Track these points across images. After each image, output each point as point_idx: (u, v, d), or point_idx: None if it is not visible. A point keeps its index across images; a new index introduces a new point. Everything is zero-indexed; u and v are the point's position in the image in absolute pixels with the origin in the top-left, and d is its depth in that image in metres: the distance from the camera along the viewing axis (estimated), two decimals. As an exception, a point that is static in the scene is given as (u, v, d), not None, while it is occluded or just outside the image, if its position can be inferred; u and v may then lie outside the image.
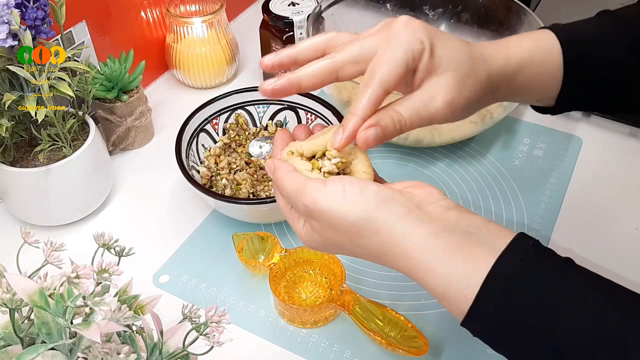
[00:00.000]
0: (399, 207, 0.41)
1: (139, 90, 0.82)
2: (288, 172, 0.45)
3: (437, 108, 0.44)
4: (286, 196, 0.45)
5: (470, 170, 0.82)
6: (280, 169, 0.45)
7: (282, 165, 0.46)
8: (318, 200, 0.42)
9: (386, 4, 0.95)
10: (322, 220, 0.43)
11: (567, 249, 0.70)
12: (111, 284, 0.42)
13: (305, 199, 0.43)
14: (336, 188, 0.42)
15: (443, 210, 0.42)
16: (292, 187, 0.44)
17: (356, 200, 0.41)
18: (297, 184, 0.44)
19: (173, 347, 0.45)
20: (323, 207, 0.42)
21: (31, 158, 0.70)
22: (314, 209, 0.43)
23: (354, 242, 0.43)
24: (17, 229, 0.54)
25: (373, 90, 0.43)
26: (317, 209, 0.42)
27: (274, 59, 0.47)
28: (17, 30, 0.59)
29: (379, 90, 0.43)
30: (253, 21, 0.99)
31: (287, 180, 0.44)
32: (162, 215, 0.77)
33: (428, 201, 0.43)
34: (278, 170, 0.45)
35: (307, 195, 0.43)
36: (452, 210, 0.42)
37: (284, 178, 0.44)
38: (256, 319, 0.64)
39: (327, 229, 0.43)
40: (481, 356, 0.60)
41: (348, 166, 0.46)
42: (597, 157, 0.83)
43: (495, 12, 0.89)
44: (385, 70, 0.43)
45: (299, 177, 0.44)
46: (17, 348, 0.42)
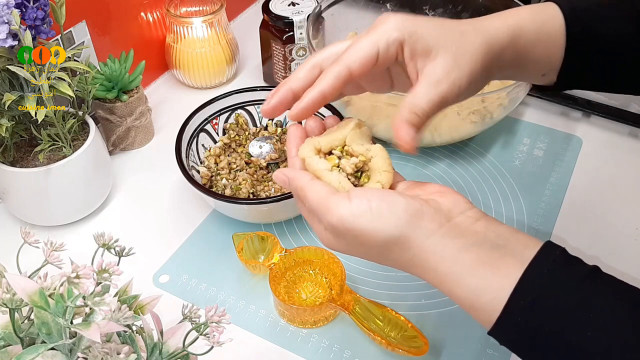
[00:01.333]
0: (429, 222, 0.41)
1: (139, 90, 0.82)
2: (308, 183, 0.44)
3: (444, 89, 0.43)
4: (310, 210, 0.44)
5: (470, 170, 0.82)
6: (298, 179, 0.45)
7: (298, 176, 0.45)
8: (344, 218, 0.41)
9: (386, 4, 0.95)
10: (348, 238, 0.43)
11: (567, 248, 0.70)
12: (111, 284, 0.42)
13: (331, 217, 0.42)
14: (362, 205, 0.41)
15: (472, 222, 0.42)
16: (315, 201, 0.43)
17: (386, 218, 0.41)
18: (320, 198, 0.43)
19: (173, 347, 0.45)
20: (350, 225, 0.41)
21: (31, 158, 0.70)
22: (340, 227, 0.42)
23: (383, 256, 0.43)
24: (17, 229, 0.54)
25: (336, 67, 0.43)
26: (345, 226, 0.42)
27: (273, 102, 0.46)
28: (17, 30, 0.59)
29: (341, 68, 0.43)
30: (253, 21, 0.99)
31: (310, 193, 0.43)
32: (162, 215, 0.77)
33: (455, 211, 0.43)
34: (296, 181, 0.45)
35: (332, 212, 0.42)
36: (480, 222, 0.42)
37: (306, 190, 0.44)
38: (256, 319, 0.64)
39: (354, 245, 0.43)
40: (481, 356, 0.60)
41: (367, 163, 0.46)
42: (597, 157, 0.83)
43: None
44: (353, 51, 0.43)
45: (321, 189, 0.43)
46: (17, 348, 0.42)
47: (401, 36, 0.43)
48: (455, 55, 0.44)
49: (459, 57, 0.44)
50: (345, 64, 0.43)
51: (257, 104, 0.82)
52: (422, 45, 0.43)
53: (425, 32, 0.44)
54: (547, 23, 0.48)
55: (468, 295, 0.40)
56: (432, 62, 0.44)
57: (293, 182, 0.45)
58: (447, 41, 0.44)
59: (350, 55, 0.43)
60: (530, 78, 0.52)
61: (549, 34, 0.48)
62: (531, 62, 0.49)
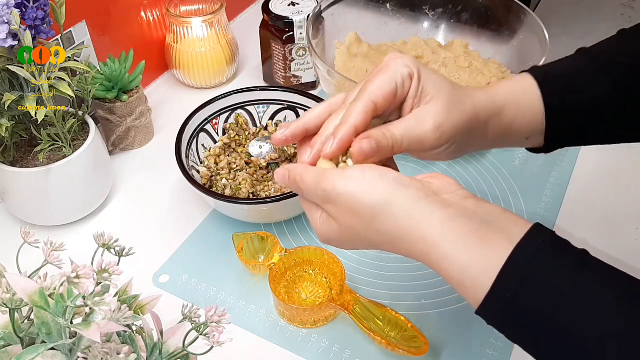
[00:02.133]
0: (415, 190, 0.42)
1: (139, 90, 0.82)
2: (306, 168, 0.46)
3: (427, 130, 0.46)
4: (306, 189, 0.45)
5: (470, 170, 0.82)
6: (297, 168, 0.46)
7: (296, 166, 0.47)
8: (336, 184, 0.43)
9: (386, 4, 0.95)
10: (339, 204, 0.43)
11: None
12: (111, 284, 0.42)
13: (324, 184, 0.43)
14: (355, 173, 0.43)
15: (460, 199, 0.43)
16: (311, 179, 0.45)
17: (375, 183, 0.42)
18: (316, 174, 0.45)
19: (173, 347, 0.45)
20: (341, 190, 0.43)
21: (31, 158, 0.70)
22: (331, 192, 0.43)
23: (370, 227, 0.43)
24: (17, 229, 0.54)
25: (361, 103, 0.45)
26: (335, 191, 0.43)
27: (286, 132, 0.49)
28: (17, 30, 0.59)
29: (367, 102, 0.45)
30: (253, 21, 0.99)
31: (307, 175, 0.45)
32: (162, 215, 0.77)
33: (445, 190, 0.44)
34: (295, 170, 0.46)
35: (326, 181, 0.44)
36: (469, 199, 0.43)
37: (304, 174, 0.45)
38: (256, 319, 0.65)
39: (344, 213, 0.43)
40: (481, 356, 0.60)
41: None
42: (597, 157, 0.83)
43: (495, 12, 0.89)
44: (374, 86, 0.46)
45: (318, 169, 0.45)
46: (17, 348, 0.42)
47: (412, 72, 0.46)
48: (448, 106, 0.46)
49: (451, 109, 0.46)
50: (370, 99, 0.45)
51: (257, 104, 0.82)
52: (423, 86, 0.47)
53: (427, 75, 0.47)
54: (525, 94, 0.51)
55: (456, 270, 0.40)
56: (426, 105, 0.46)
57: (292, 172, 0.47)
58: (443, 91, 0.47)
59: (373, 91, 0.46)
60: (515, 144, 0.54)
61: (527, 104, 0.51)
62: (514, 131, 0.51)
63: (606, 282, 0.38)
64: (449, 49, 0.90)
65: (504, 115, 0.50)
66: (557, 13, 1.00)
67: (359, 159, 0.45)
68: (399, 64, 0.46)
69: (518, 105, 0.50)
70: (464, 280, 0.40)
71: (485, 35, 0.91)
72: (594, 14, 0.52)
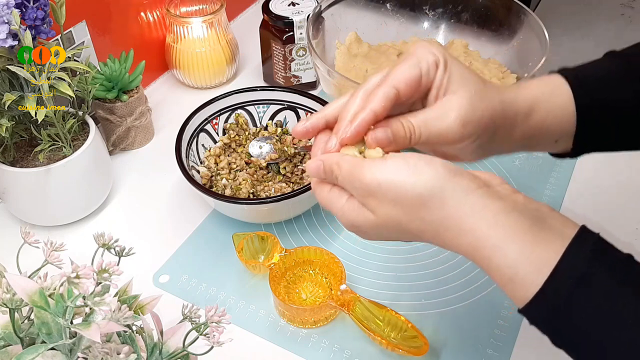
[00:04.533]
0: (469, 181, 0.41)
1: (139, 90, 0.82)
2: (342, 156, 0.44)
3: (449, 124, 0.44)
4: (342, 179, 0.43)
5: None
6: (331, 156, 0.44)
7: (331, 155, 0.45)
8: (378, 175, 0.41)
9: (386, 4, 0.95)
10: (380, 195, 0.41)
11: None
12: (111, 284, 0.42)
13: (364, 176, 0.42)
14: (398, 162, 0.41)
15: (510, 192, 0.42)
16: (348, 168, 0.43)
17: (423, 171, 0.40)
18: (354, 164, 0.43)
19: (173, 347, 0.45)
20: (383, 179, 0.41)
21: (31, 158, 0.70)
22: (371, 184, 0.41)
23: (415, 216, 0.41)
24: (17, 229, 0.54)
25: (383, 88, 0.44)
26: (377, 181, 0.41)
27: (306, 124, 0.47)
28: (17, 30, 0.59)
29: (389, 88, 0.43)
30: (253, 21, 0.99)
31: (344, 163, 0.43)
32: (162, 215, 0.77)
33: (494, 182, 0.42)
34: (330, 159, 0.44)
35: (365, 171, 0.42)
36: (518, 194, 0.42)
37: (341, 161, 0.43)
38: (256, 319, 0.65)
39: (385, 204, 0.42)
40: (481, 356, 0.60)
41: None
42: (597, 158, 0.83)
43: (495, 12, 0.89)
44: (398, 72, 0.44)
45: (355, 158, 0.43)
46: (17, 348, 0.42)
47: (438, 60, 0.45)
48: (473, 99, 0.44)
49: (476, 102, 0.45)
50: (392, 85, 0.44)
51: (257, 104, 0.82)
52: (449, 77, 0.45)
53: (454, 66, 0.45)
54: (556, 94, 0.49)
55: (507, 264, 0.39)
56: (451, 95, 0.45)
57: (327, 161, 0.45)
58: (470, 83, 0.45)
59: (396, 76, 0.44)
60: (542, 147, 0.52)
61: (559, 105, 0.49)
62: (544, 132, 0.49)
63: None
64: (449, 49, 0.90)
65: (534, 115, 0.48)
66: (557, 13, 1.00)
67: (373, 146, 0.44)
68: (426, 51, 0.45)
69: (548, 104, 0.48)
70: (514, 276, 0.39)
71: (485, 35, 0.91)
72: (594, 14, 0.52)
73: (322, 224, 0.74)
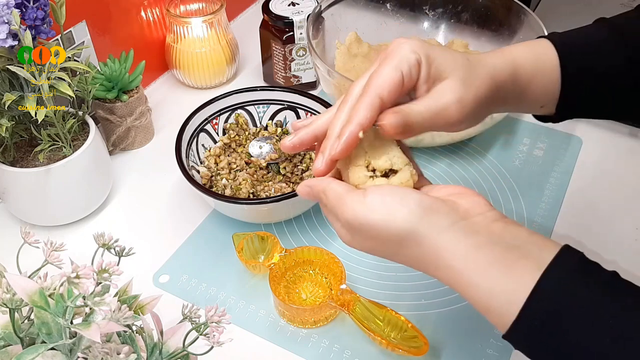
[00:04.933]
0: (443, 218, 0.41)
1: (139, 90, 0.82)
2: (328, 184, 0.45)
3: (448, 102, 0.44)
4: (330, 210, 0.45)
5: (470, 170, 0.82)
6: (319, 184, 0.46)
7: (318, 181, 0.46)
8: (358, 213, 0.42)
9: (386, 4, 0.95)
10: (362, 233, 0.43)
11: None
12: (111, 284, 0.42)
13: (346, 213, 0.43)
14: (375, 200, 0.42)
15: (489, 222, 0.42)
16: (333, 199, 0.44)
17: (398, 212, 0.41)
18: (338, 196, 0.44)
19: (173, 347, 0.45)
20: (364, 220, 0.42)
21: (31, 158, 0.70)
22: (354, 222, 0.43)
23: (395, 252, 0.43)
24: (17, 229, 0.54)
25: (367, 98, 0.44)
26: (358, 221, 0.42)
27: (294, 140, 0.48)
28: (17, 30, 0.59)
29: (372, 97, 0.43)
30: (253, 21, 0.99)
31: (329, 193, 0.45)
32: (162, 215, 0.77)
33: (473, 212, 0.43)
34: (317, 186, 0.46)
35: (347, 208, 0.43)
36: (497, 222, 0.42)
37: (326, 190, 0.45)
38: (256, 319, 0.65)
39: (368, 240, 0.43)
40: (481, 356, 0.60)
41: None
42: (597, 157, 0.83)
43: (495, 12, 0.89)
44: (380, 79, 0.44)
45: (339, 187, 0.44)
46: (17, 348, 0.42)
47: (419, 58, 0.44)
48: (463, 79, 0.45)
49: (467, 82, 0.45)
50: (376, 94, 0.44)
51: (257, 104, 0.82)
52: (436, 68, 0.45)
53: (437, 56, 0.45)
54: (541, 59, 0.50)
55: (482, 297, 0.40)
56: (442, 82, 0.45)
57: (314, 188, 0.46)
58: (457, 67, 0.45)
59: (378, 83, 0.44)
60: (529, 110, 0.54)
61: (544, 69, 0.50)
62: (529, 96, 0.50)
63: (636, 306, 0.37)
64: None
65: (520, 77, 0.49)
66: (557, 13, 1.00)
67: (391, 133, 0.43)
68: (406, 50, 0.44)
69: (534, 68, 0.49)
70: (490, 307, 0.40)
71: (485, 35, 0.91)
72: (594, 14, 0.52)
73: (322, 224, 0.74)
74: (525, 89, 0.50)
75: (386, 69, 0.44)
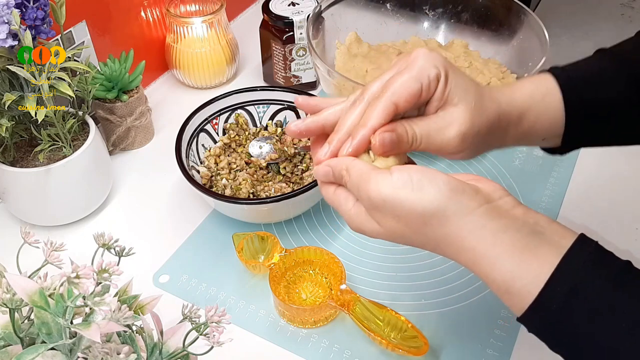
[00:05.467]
0: (469, 199, 0.41)
1: (139, 90, 0.82)
2: (352, 161, 0.44)
3: (450, 137, 0.45)
4: (351, 186, 0.44)
5: (470, 170, 0.82)
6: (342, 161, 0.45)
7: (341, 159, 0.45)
8: (385, 190, 0.42)
9: (386, 4, 0.95)
10: (385, 210, 0.42)
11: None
12: (111, 284, 0.42)
13: (371, 190, 0.42)
14: (403, 177, 0.42)
15: (510, 207, 0.43)
16: (356, 176, 0.43)
17: (426, 190, 0.41)
18: (362, 173, 0.43)
19: (173, 347, 0.45)
20: (390, 196, 0.42)
21: (31, 158, 0.70)
22: (376, 199, 0.42)
23: (417, 231, 0.43)
24: (17, 229, 0.54)
25: (382, 103, 0.44)
26: (382, 198, 0.42)
27: (300, 125, 0.48)
28: (17, 30, 0.59)
29: (388, 103, 0.44)
30: (253, 21, 0.99)
31: (353, 170, 0.44)
32: (162, 215, 0.77)
33: (494, 196, 0.43)
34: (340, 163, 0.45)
35: (372, 184, 0.42)
36: (518, 208, 0.43)
37: (350, 167, 0.44)
38: (256, 319, 0.65)
39: (389, 219, 0.43)
40: (481, 356, 0.60)
41: None
42: (597, 157, 0.83)
43: (495, 12, 0.89)
44: (398, 85, 0.44)
45: (364, 165, 0.44)
46: (17, 348, 0.42)
47: (439, 74, 0.45)
48: (472, 110, 0.45)
49: (475, 114, 0.45)
50: (392, 101, 0.44)
51: (257, 104, 0.82)
52: (450, 90, 0.45)
53: (455, 78, 0.45)
54: (546, 98, 0.50)
55: (504, 279, 0.40)
56: (452, 108, 0.45)
57: (336, 167, 0.45)
58: (469, 94, 0.46)
59: (396, 90, 0.44)
60: (530, 145, 0.54)
61: (549, 108, 0.50)
62: (532, 135, 0.51)
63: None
64: (449, 49, 0.90)
65: (525, 121, 0.49)
66: (557, 13, 1.00)
67: (379, 152, 0.44)
68: (428, 63, 0.45)
69: (538, 109, 0.50)
70: (510, 288, 0.40)
71: (485, 35, 0.91)
72: (594, 14, 0.52)
73: (322, 224, 0.74)
74: (530, 128, 0.50)
75: (406, 78, 0.44)
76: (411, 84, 0.44)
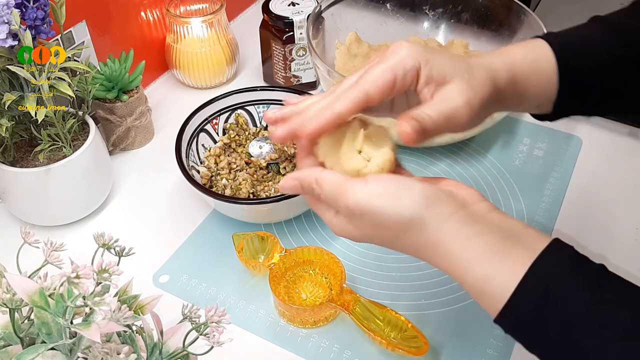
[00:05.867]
0: (445, 206, 0.42)
1: (139, 90, 0.82)
2: (321, 173, 0.44)
3: (458, 105, 0.45)
4: (325, 198, 0.44)
5: (470, 170, 0.82)
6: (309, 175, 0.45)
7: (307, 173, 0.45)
8: (361, 199, 0.42)
9: (386, 4, 0.95)
10: (364, 220, 0.43)
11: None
12: (111, 284, 0.42)
13: (347, 199, 0.43)
14: (379, 186, 0.42)
15: (485, 212, 0.43)
16: (330, 188, 0.44)
17: (402, 199, 0.42)
18: (336, 184, 0.43)
19: (173, 347, 0.45)
20: (366, 206, 0.42)
21: (31, 158, 0.70)
22: (356, 209, 0.43)
23: (396, 238, 0.43)
24: (17, 229, 0.54)
25: (353, 92, 0.44)
26: (361, 208, 0.42)
27: (277, 114, 0.47)
28: (17, 30, 0.59)
29: (358, 93, 0.44)
30: (253, 21, 0.99)
31: (325, 182, 0.44)
32: (162, 215, 0.77)
33: (470, 201, 0.44)
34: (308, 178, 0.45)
35: (348, 194, 0.43)
36: (493, 212, 0.44)
37: (320, 180, 0.44)
38: (256, 319, 0.65)
39: (369, 227, 0.43)
40: (481, 356, 0.60)
41: None
42: (597, 157, 0.83)
43: (495, 12, 0.89)
44: (371, 76, 0.44)
45: (336, 176, 0.44)
46: (17, 348, 0.42)
47: (417, 63, 0.45)
48: (468, 81, 0.45)
49: (472, 83, 0.45)
50: (363, 90, 0.44)
51: (257, 104, 0.82)
52: (438, 72, 0.45)
53: (439, 61, 0.45)
54: (539, 60, 0.50)
55: (477, 282, 0.41)
56: (448, 85, 0.45)
57: (304, 180, 0.45)
58: (460, 70, 0.46)
59: (368, 81, 0.44)
60: (526, 109, 0.54)
61: (542, 70, 0.50)
62: (527, 97, 0.51)
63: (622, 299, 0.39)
64: (449, 49, 0.90)
65: (518, 79, 0.49)
66: (557, 13, 1.00)
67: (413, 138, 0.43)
68: (405, 53, 0.45)
69: (532, 69, 0.50)
70: (484, 290, 0.41)
71: (485, 35, 0.91)
72: (594, 14, 0.52)
73: (322, 224, 0.74)
74: (524, 91, 0.50)
75: (380, 68, 0.44)
76: (384, 73, 0.44)
